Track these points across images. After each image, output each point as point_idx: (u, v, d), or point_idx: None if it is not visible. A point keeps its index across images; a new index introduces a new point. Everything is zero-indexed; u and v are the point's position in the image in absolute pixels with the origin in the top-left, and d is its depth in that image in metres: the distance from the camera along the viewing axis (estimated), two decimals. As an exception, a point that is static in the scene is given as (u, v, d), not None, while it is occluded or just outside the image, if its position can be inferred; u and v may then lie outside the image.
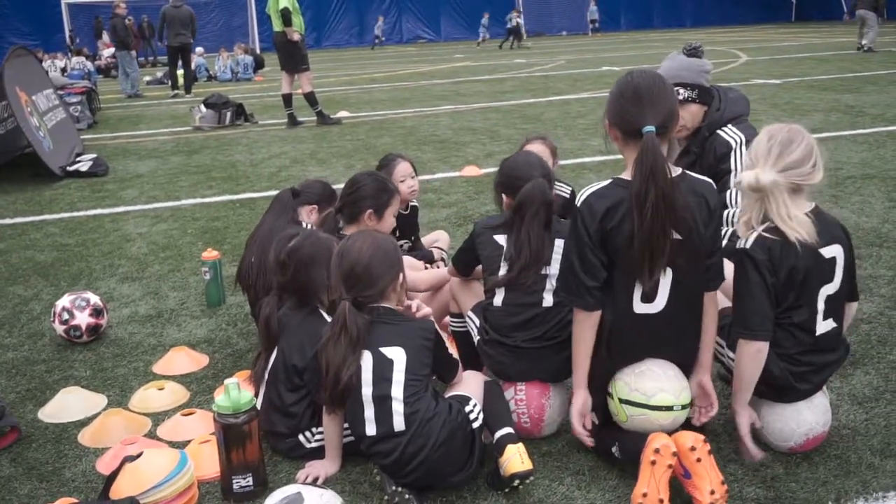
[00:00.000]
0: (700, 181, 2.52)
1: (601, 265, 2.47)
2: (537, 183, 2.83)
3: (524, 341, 2.84)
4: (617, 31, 40.05)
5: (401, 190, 4.09)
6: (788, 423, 2.62)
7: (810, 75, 14.60)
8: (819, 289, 2.54)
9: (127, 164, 9.00)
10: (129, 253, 5.47)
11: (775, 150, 2.53)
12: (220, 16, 35.84)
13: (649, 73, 2.47)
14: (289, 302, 2.89)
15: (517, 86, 15.57)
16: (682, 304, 2.51)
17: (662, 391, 2.52)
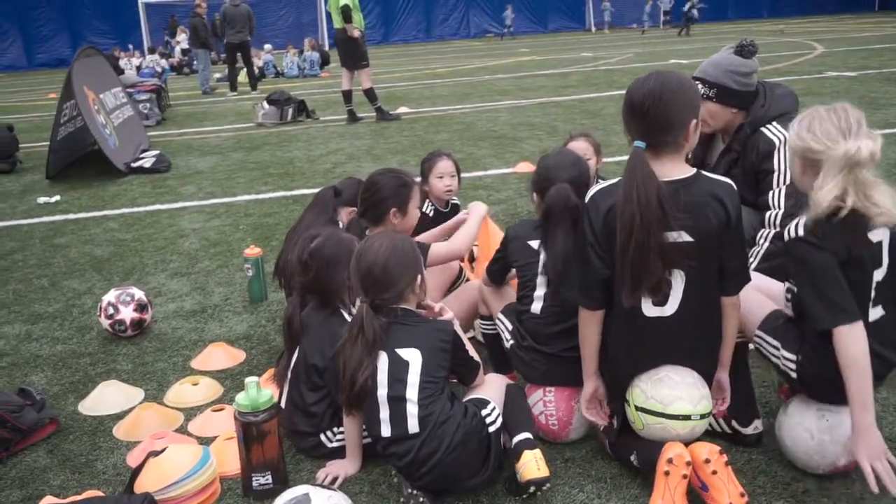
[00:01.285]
0: (718, 183, 2.42)
1: (603, 264, 2.42)
2: (559, 189, 2.76)
3: (562, 350, 2.79)
4: (693, 23, 39.14)
5: (437, 187, 4.08)
6: (813, 457, 2.47)
7: (888, 67, 13.99)
8: (872, 273, 2.36)
9: (189, 160, 9.22)
10: (181, 248, 5.60)
11: (853, 122, 2.29)
12: (290, 13, 36.49)
13: (650, 83, 2.36)
14: (311, 302, 2.90)
15: (581, 80, 15.37)
16: (696, 307, 2.42)
17: (680, 399, 2.43)
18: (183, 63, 26.46)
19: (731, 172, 3.43)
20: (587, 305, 2.51)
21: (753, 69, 3.36)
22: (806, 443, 2.47)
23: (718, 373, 2.61)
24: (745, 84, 3.33)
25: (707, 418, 2.50)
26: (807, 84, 12.28)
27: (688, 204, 2.32)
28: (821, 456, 2.46)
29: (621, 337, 2.50)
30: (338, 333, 2.67)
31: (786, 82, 11.62)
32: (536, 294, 2.86)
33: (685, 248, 2.34)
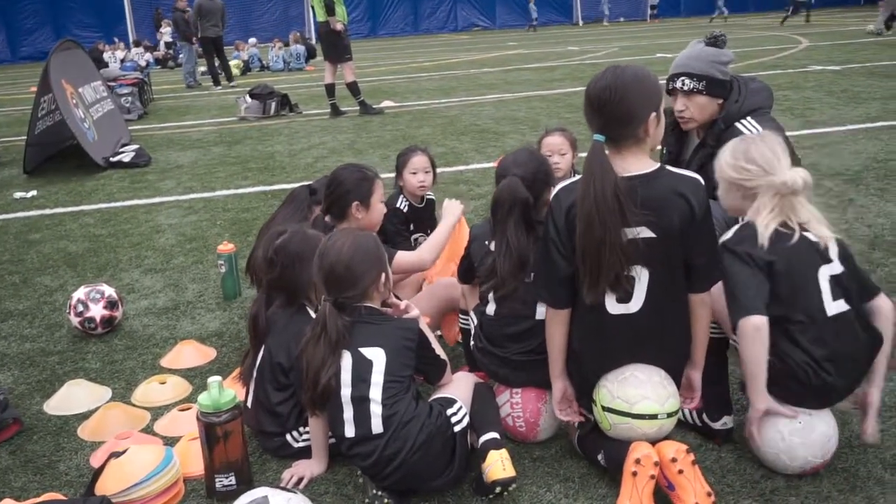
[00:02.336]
0: (683, 178, 2.39)
1: (566, 262, 2.39)
2: (507, 182, 2.72)
3: (517, 354, 2.76)
4: (676, 17, 39.19)
5: (410, 182, 4.03)
6: (781, 458, 2.46)
7: (873, 61, 14.02)
8: (818, 268, 2.44)
9: (169, 154, 9.14)
10: (156, 244, 5.53)
11: (780, 150, 2.53)
12: (278, 6, 36.25)
13: (607, 77, 2.34)
14: (277, 299, 2.85)
15: (566, 74, 15.34)
16: (661, 304, 2.39)
17: (646, 399, 2.40)
18: (168, 56, 26.26)
19: (706, 167, 3.40)
20: (552, 304, 2.48)
21: (731, 59, 3.35)
22: (777, 444, 2.45)
23: (690, 371, 2.58)
24: (727, 74, 3.32)
25: (675, 417, 2.47)
26: (791, 78, 12.28)
27: (647, 199, 2.29)
28: (790, 458, 2.45)
29: (587, 335, 2.47)
30: (304, 332, 2.63)
31: (771, 76, 11.62)
32: (490, 296, 2.82)
33: (646, 244, 2.31)
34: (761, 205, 2.48)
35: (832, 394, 2.46)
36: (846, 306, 2.44)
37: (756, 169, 2.49)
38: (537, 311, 2.70)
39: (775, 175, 2.45)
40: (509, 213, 2.71)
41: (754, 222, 2.47)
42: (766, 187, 2.46)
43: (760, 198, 2.48)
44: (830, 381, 2.42)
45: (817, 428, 2.46)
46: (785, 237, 2.44)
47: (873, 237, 4.65)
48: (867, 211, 5.19)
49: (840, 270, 2.46)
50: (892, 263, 4.24)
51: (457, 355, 3.34)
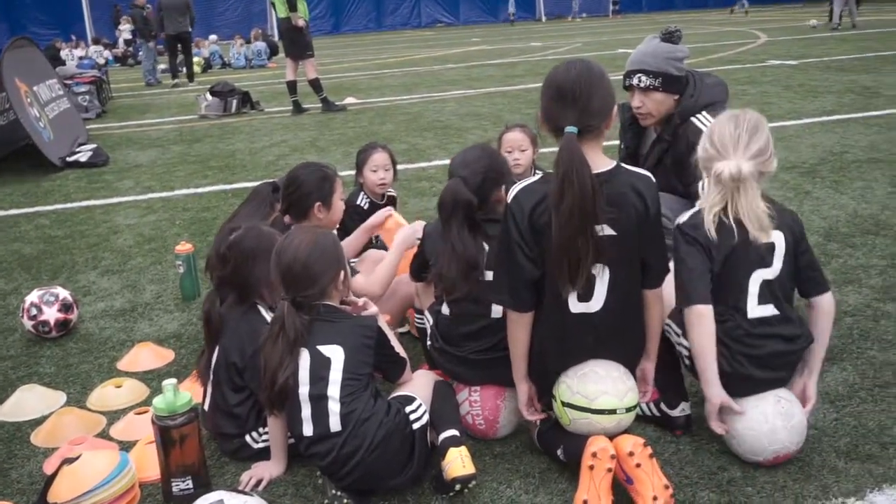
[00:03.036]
0: (637, 175, 2.40)
1: (532, 264, 2.37)
2: (449, 184, 2.71)
3: (473, 353, 2.75)
4: (638, 13, 39.51)
5: (371, 180, 4.01)
6: (761, 440, 2.48)
7: (829, 55, 14.25)
8: (751, 271, 2.47)
9: (128, 153, 9.00)
10: (114, 245, 5.44)
11: (744, 137, 2.46)
12: (240, 2, 35.88)
13: (577, 68, 2.34)
14: (229, 297, 2.81)
15: (528, 70, 15.38)
16: (621, 302, 2.41)
17: (605, 394, 2.41)
18: (127, 54, 25.86)
19: (663, 162, 3.44)
20: (516, 308, 2.45)
21: (686, 54, 3.38)
22: (760, 425, 2.47)
23: (644, 363, 2.61)
24: (682, 69, 3.34)
25: (633, 411, 2.49)
26: (749, 73, 12.44)
27: (610, 196, 2.30)
28: (769, 441, 2.47)
29: (549, 335, 2.47)
30: (257, 330, 2.61)
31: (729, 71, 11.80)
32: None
33: (608, 242, 2.31)
34: (709, 188, 2.49)
35: (752, 382, 2.50)
36: (774, 311, 2.48)
37: (711, 149, 2.47)
38: (493, 309, 2.69)
39: (723, 159, 2.42)
40: (452, 216, 2.68)
41: (701, 207, 2.50)
42: (714, 170, 2.45)
43: (709, 179, 2.49)
44: (745, 372, 2.47)
45: (796, 415, 2.50)
46: (727, 233, 2.44)
47: (828, 229, 4.73)
48: (823, 203, 5.27)
49: (775, 275, 2.47)
50: (847, 254, 4.31)
51: (416, 353, 3.32)
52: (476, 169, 2.74)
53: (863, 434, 2.67)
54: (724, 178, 2.40)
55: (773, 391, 2.53)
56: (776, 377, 2.54)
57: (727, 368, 2.47)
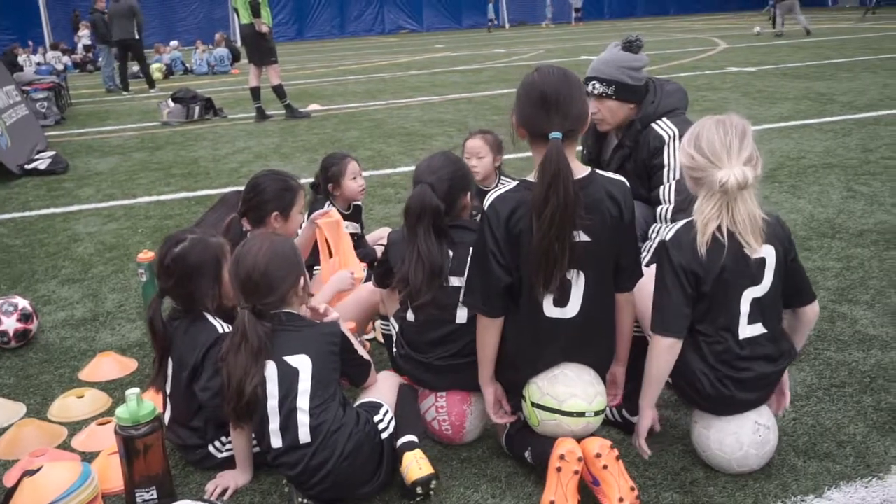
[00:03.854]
0: (612, 181, 2.43)
1: (505, 272, 2.38)
2: (417, 190, 2.70)
3: (438, 359, 2.76)
4: (600, 20, 39.94)
5: (352, 188, 4.00)
6: (731, 463, 2.51)
7: (786, 63, 14.54)
8: (742, 291, 2.41)
9: (89, 161, 8.87)
10: (74, 254, 5.36)
11: (735, 142, 2.36)
12: (202, 8, 35.61)
13: (556, 74, 2.35)
14: (174, 306, 2.77)
15: (493, 76, 15.47)
16: (596, 307, 2.43)
17: (574, 396, 2.43)
18: (86, 60, 25.50)
19: (624, 168, 3.48)
20: (487, 314, 2.46)
21: (644, 63, 3.40)
22: (733, 451, 2.48)
23: (614, 367, 2.63)
24: (638, 79, 3.36)
25: (602, 415, 2.52)
26: (709, 79, 12.64)
27: (587, 203, 2.31)
28: (738, 464, 2.50)
29: (523, 339, 2.48)
30: (204, 340, 2.61)
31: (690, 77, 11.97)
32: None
33: (583, 247, 2.33)
34: (703, 201, 2.38)
35: (732, 405, 2.48)
36: (762, 329, 2.44)
37: (701, 159, 2.36)
38: (457, 315, 2.71)
39: (718, 168, 2.33)
40: (419, 222, 2.68)
41: (695, 220, 2.39)
42: (709, 182, 2.35)
43: (703, 193, 2.38)
44: (728, 394, 2.44)
45: (771, 441, 2.52)
46: (718, 250, 2.36)
47: (786, 233, 4.82)
48: (780, 207, 5.38)
49: (763, 293, 2.42)
50: (804, 257, 4.39)
51: (382, 360, 3.33)
52: (442, 175, 2.75)
53: (820, 433, 2.73)
54: (731, 186, 2.29)
55: (755, 414, 2.50)
56: (758, 398, 2.52)
57: (710, 391, 2.44)
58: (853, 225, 4.93)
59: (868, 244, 4.56)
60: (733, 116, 2.44)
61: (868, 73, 12.22)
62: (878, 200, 5.43)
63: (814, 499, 2.40)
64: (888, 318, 3.59)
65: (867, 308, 3.71)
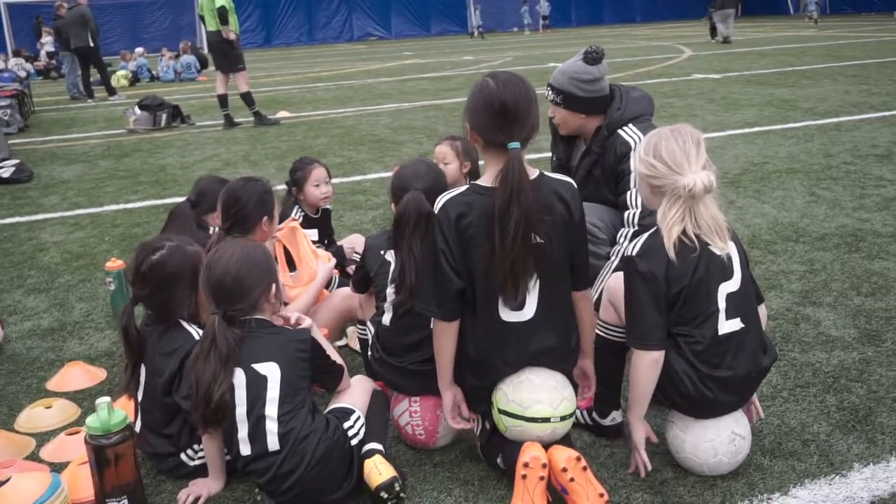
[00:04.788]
0: (560, 182, 2.46)
1: (456, 275, 2.41)
2: (412, 196, 2.73)
3: (413, 363, 2.78)
4: (567, 27, 40.27)
5: (313, 194, 4.02)
6: (702, 468, 2.55)
7: (750, 70, 14.79)
8: (717, 286, 2.44)
9: (53, 169, 8.76)
10: (40, 263, 5.30)
11: (693, 150, 2.42)
12: (167, 14, 35.34)
13: (516, 82, 2.36)
14: (148, 314, 2.76)
15: (462, 83, 15.52)
16: (552, 308, 2.46)
17: (539, 403, 2.45)
18: (50, 67, 25.16)
19: (593, 173, 3.53)
20: (443, 317, 2.48)
21: (597, 76, 3.37)
22: (707, 458, 2.52)
23: (581, 361, 2.65)
24: (590, 91, 3.37)
25: (569, 420, 2.53)
26: (675, 86, 12.82)
27: (537, 205, 2.34)
28: (710, 469, 2.54)
29: (484, 344, 2.49)
30: (180, 347, 2.60)
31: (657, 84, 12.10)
32: (386, 305, 2.82)
33: (536, 249, 2.36)
34: (666, 207, 2.42)
35: (716, 408, 2.50)
36: (740, 324, 2.46)
37: (662, 167, 2.41)
38: (432, 320, 2.72)
39: (681, 175, 2.37)
40: (415, 228, 2.70)
41: (659, 226, 2.44)
42: (672, 187, 2.39)
43: (666, 198, 2.42)
44: (711, 397, 2.46)
45: (744, 451, 2.56)
46: (688, 252, 2.39)
47: (751, 237, 4.91)
48: (745, 212, 5.47)
49: (737, 287, 2.45)
50: (769, 261, 4.49)
51: (355, 366, 3.34)
52: (429, 182, 2.80)
53: (786, 432, 2.79)
54: (699, 190, 2.34)
55: (733, 423, 2.53)
56: (737, 401, 2.55)
57: (693, 393, 2.46)
58: (816, 229, 5.04)
59: (830, 247, 4.66)
60: (686, 126, 2.50)
61: (829, 81, 12.48)
62: (840, 204, 5.54)
63: (780, 497, 2.45)
64: (850, 320, 3.67)
65: (830, 310, 3.79)
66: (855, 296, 3.94)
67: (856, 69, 13.89)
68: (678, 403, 2.56)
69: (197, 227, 3.58)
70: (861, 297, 3.93)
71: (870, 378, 3.13)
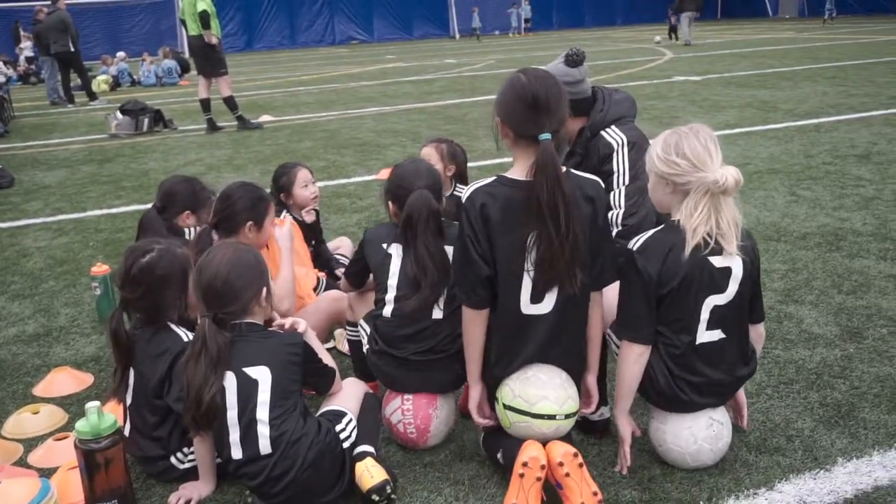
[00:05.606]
0: (586, 180, 2.48)
1: (484, 262, 2.42)
2: (420, 194, 2.75)
3: (413, 354, 2.79)
4: (549, 30, 40.45)
5: (303, 196, 4.02)
6: (685, 458, 2.58)
7: (730, 72, 14.93)
8: (704, 298, 2.46)
9: (35, 174, 8.70)
10: (24, 269, 5.27)
11: (712, 147, 2.43)
12: (147, 19, 35.16)
13: (546, 77, 2.40)
14: (137, 317, 2.75)
15: (445, 86, 15.57)
16: (570, 304, 2.47)
17: (545, 399, 2.47)
18: (29, 72, 24.95)
19: (578, 174, 3.56)
20: (474, 305, 2.49)
21: (578, 78, 3.39)
22: (688, 445, 2.56)
23: (586, 376, 2.65)
24: (572, 93, 3.36)
25: (573, 418, 2.55)
26: (657, 88, 12.91)
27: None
28: (692, 459, 2.58)
29: (501, 336, 2.51)
30: (169, 349, 2.60)
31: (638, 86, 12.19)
32: (388, 297, 2.84)
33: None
34: (693, 204, 2.40)
35: (690, 408, 2.56)
36: (721, 335, 2.50)
37: (686, 165, 2.40)
38: (433, 311, 2.75)
39: (706, 172, 2.38)
40: (427, 225, 2.73)
41: (682, 226, 2.43)
42: (698, 185, 2.39)
43: (692, 196, 2.40)
44: (685, 399, 2.52)
45: (724, 437, 2.60)
46: (692, 255, 2.41)
47: (734, 236, 4.96)
48: (728, 212, 5.52)
49: (726, 301, 2.47)
50: (751, 260, 4.54)
51: (343, 369, 3.35)
52: (429, 181, 2.85)
53: (770, 428, 2.83)
54: (730, 185, 2.35)
55: (709, 410, 2.57)
56: (715, 402, 2.60)
57: (667, 390, 2.52)
58: (797, 228, 5.10)
59: (811, 246, 4.72)
60: (700, 125, 2.51)
61: (808, 82, 12.62)
62: (820, 204, 5.62)
63: (766, 492, 2.48)
64: (832, 318, 3.72)
65: (812, 308, 3.85)
66: (836, 294, 4.00)
67: (834, 71, 14.06)
68: (655, 400, 2.61)
69: (169, 232, 3.58)
70: (842, 294, 3.98)
71: (852, 374, 3.18)
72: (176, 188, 3.68)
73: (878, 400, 2.98)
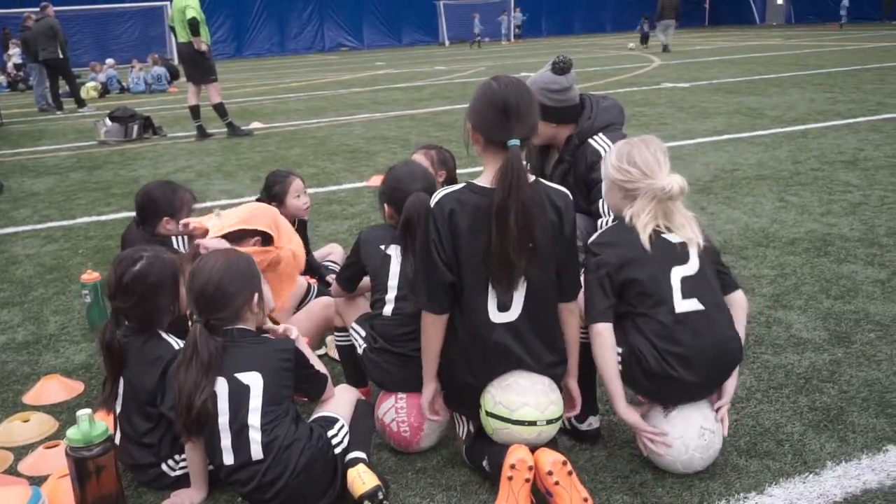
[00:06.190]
0: (554, 190, 2.51)
1: (447, 268, 2.44)
2: (418, 197, 2.76)
3: (413, 350, 2.80)
4: (539, 37, 40.58)
5: (295, 206, 4.03)
6: (676, 465, 2.60)
7: (718, 78, 15.02)
8: (670, 269, 2.57)
9: (23, 181, 8.66)
10: (13, 276, 5.25)
11: (661, 157, 2.63)
12: (136, 26, 35.08)
13: (517, 84, 2.43)
14: (128, 326, 2.75)
15: (434, 93, 15.60)
16: (536, 313, 2.49)
17: (526, 405, 2.48)
18: (17, 78, 24.86)
19: (566, 182, 3.57)
20: (434, 310, 2.51)
21: (565, 85, 3.44)
22: (679, 454, 2.57)
23: (566, 380, 2.67)
24: (559, 100, 3.43)
25: (556, 423, 2.55)
26: (645, 95, 12.98)
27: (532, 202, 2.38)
28: (684, 466, 2.59)
29: (469, 344, 2.52)
30: (161, 357, 2.60)
31: (627, 93, 12.26)
32: (388, 297, 2.86)
33: (531, 249, 2.39)
34: (640, 207, 2.60)
35: (685, 389, 2.57)
36: (699, 305, 2.55)
37: (637, 172, 2.59)
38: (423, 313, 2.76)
39: (654, 179, 2.57)
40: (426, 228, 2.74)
41: (632, 224, 2.59)
42: (646, 191, 2.58)
43: (640, 200, 2.60)
44: (675, 375, 2.53)
45: (716, 445, 2.61)
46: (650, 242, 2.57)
47: (723, 242, 4.99)
48: (717, 218, 5.57)
49: (693, 272, 2.57)
50: (741, 266, 4.57)
51: (335, 375, 3.34)
52: (425, 183, 2.90)
53: (760, 433, 2.85)
54: (675, 192, 2.56)
55: (701, 419, 2.59)
56: (706, 385, 2.62)
57: (657, 368, 2.53)
58: (785, 234, 5.14)
59: (800, 252, 4.76)
60: (652, 137, 2.71)
61: (796, 89, 12.71)
62: (808, 210, 5.66)
63: (756, 495, 2.50)
64: (820, 322, 3.75)
65: (800, 313, 3.87)
66: (825, 299, 4.03)
67: (821, 77, 14.17)
68: (645, 386, 2.62)
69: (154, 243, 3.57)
70: (830, 299, 4.01)
71: (840, 378, 3.20)
72: (147, 199, 3.65)
73: (866, 404, 3.00)
